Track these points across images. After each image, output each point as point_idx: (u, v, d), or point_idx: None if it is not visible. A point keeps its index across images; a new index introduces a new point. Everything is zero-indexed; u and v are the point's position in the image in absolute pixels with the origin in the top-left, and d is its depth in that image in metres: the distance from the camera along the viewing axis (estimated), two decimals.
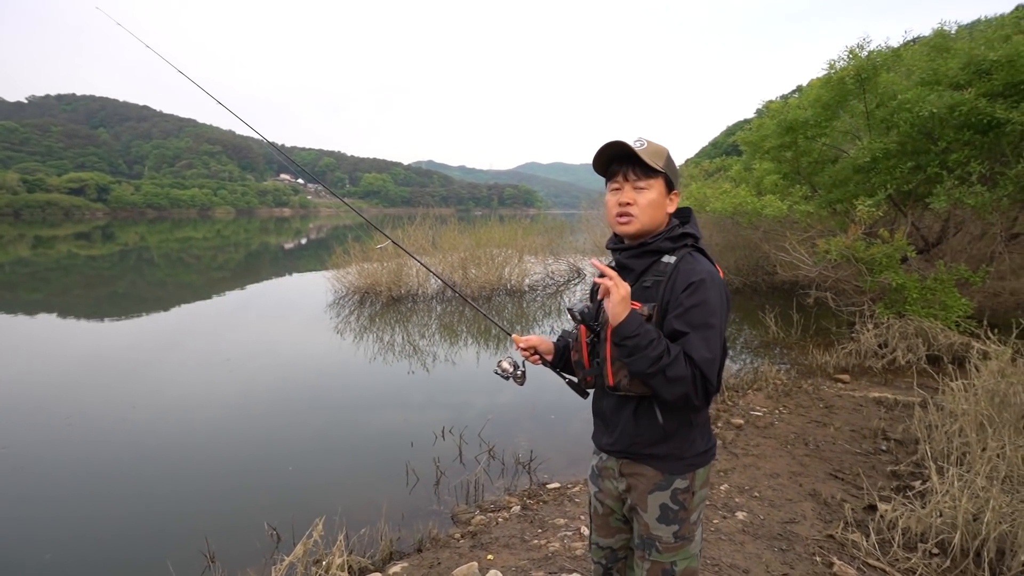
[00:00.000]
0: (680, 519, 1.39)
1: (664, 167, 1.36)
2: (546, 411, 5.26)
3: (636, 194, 1.37)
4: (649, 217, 1.38)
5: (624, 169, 1.37)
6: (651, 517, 1.40)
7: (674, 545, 1.39)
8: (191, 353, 7.31)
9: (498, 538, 2.94)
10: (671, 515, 1.39)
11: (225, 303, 11.83)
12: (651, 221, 1.38)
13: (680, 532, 1.39)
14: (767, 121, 9.38)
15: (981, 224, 7.91)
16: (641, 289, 1.38)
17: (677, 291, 1.31)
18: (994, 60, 6.29)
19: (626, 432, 1.42)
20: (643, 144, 1.36)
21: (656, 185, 1.37)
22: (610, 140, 1.37)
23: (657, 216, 1.39)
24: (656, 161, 1.35)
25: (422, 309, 10.24)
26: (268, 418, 5.12)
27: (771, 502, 3.17)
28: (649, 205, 1.37)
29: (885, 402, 4.89)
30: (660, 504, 1.39)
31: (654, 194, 1.37)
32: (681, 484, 1.38)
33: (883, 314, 6.62)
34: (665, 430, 1.37)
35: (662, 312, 1.32)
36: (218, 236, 37.15)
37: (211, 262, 20.87)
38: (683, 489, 1.39)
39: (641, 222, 1.38)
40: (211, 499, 3.67)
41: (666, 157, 1.38)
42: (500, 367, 1.67)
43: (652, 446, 1.39)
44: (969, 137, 6.65)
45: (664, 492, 1.39)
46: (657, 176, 1.37)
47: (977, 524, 2.58)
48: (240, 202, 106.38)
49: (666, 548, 1.39)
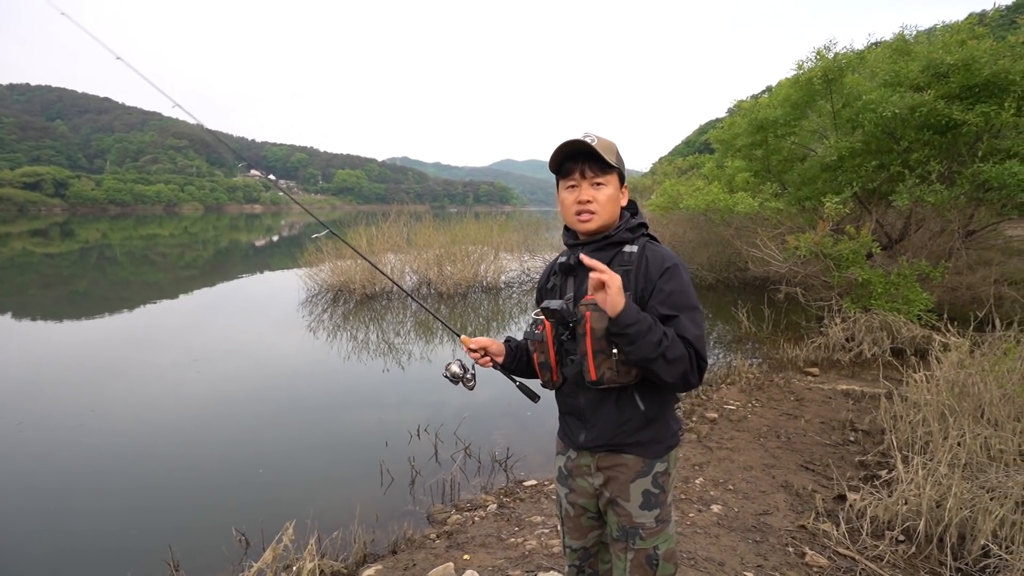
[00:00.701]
0: (660, 502, 1.42)
1: (616, 162, 1.40)
2: (522, 408, 5.24)
3: (595, 191, 1.39)
4: (609, 213, 1.41)
5: (580, 166, 1.39)
6: (634, 505, 1.41)
7: (656, 529, 1.42)
8: (156, 354, 7.05)
9: (474, 537, 2.90)
10: (653, 500, 1.41)
11: (193, 302, 11.47)
12: (610, 216, 1.42)
13: (660, 515, 1.42)
14: (738, 120, 9.55)
15: (940, 221, 8.21)
16: None
17: (652, 278, 1.35)
18: (951, 64, 6.52)
19: (609, 424, 1.42)
20: (595, 140, 1.37)
21: (612, 181, 1.41)
22: (568, 139, 1.37)
23: (615, 211, 1.43)
24: (610, 157, 1.37)
25: (397, 306, 10.11)
26: (238, 420, 4.97)
27: (745, 495, 3.21)
28: (608, 201, 1.40)
29: (853, 394, 5.03)
30: (643, 491, 1.41)
31: (611, 190, 1.40)
32: (661, 467, 1.42)
33: (850, 309, 6.81)
34: (647, 416, 1.40)
35: (636, 299, 1.34)
36: (185, 233, 36.02)
37: (178, 260, 20.21)
38: (663, 472, 1.42)
39: (602, 218, 1.40)
40: (176, 505, 3.53)
41: (616, 152, 1.41)
42: (449, 371, 1.62)
43: (636, 433, 1.41)
44: (929, 137, 6.89)
45: (646, 478, 1.41)
46: (612, 172, 1.40)
47: (940, 511, 2.66)
48: (209, 198, 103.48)
49: (649, 534, 1.41)
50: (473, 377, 1.65)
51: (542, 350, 1.47)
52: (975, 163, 6.40)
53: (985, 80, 6.34)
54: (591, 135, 1.37)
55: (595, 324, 1.35)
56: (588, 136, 1.37)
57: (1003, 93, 6.27)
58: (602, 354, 1.34)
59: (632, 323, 1.24)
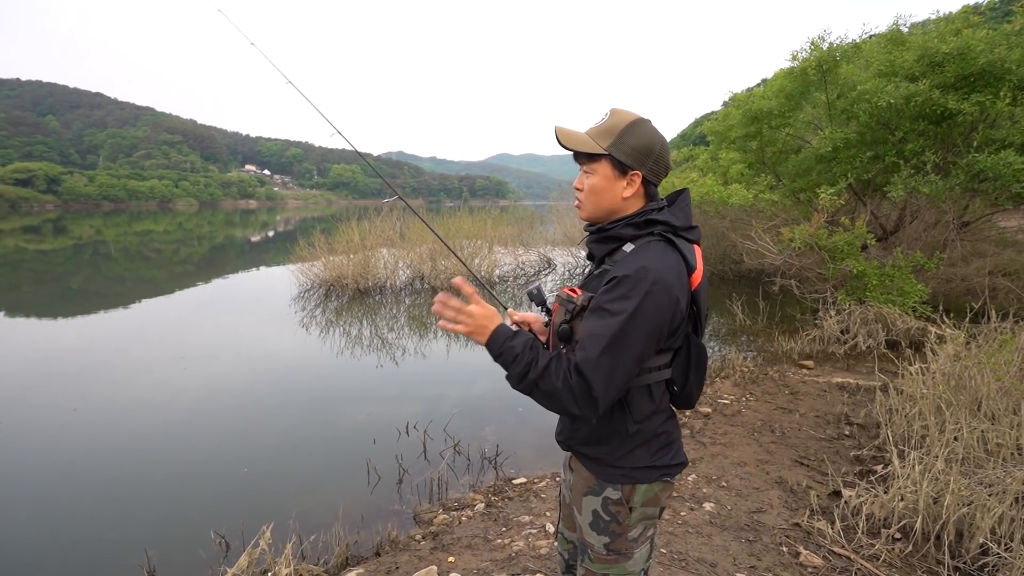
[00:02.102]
0: (612, 531, 1.27)
1: (609, 147, 1.21)
2: (513, 403, 5.17)
3: (584, 178, 1.29)
4: (593, 204, 1.28)
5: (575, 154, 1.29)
6: (584, 521, 1.32)
7: (606, 557, 1.28)
8: (145, 352, 6.94)
9: (460, 538, 2.83)
10: (602, 524, 1.28)
11: (187, 298, 11.33)
12: (596, 207, 1.28)
13: (612, 545, 1.28)
14: (733, 111, 9.45)
15: (935, 212, 8.15)
16: (592, 277, 1.29)
17: (602, 283, 1.18)
18: (946, 53, 6.44)
19: (566, 425, 1.36)
20: (604, 119, 1.25)
21: (599, 169, 1.24)
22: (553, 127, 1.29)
23: (602, 202, 1.27)
24: (600, 141, 1.22)
25: (390, 301, 10.01)
26: (224, 418, 4.88)
27: (738, 491, 3.14)
28: (591, 191, 1.27)
29: (848, 387, 4.97)
30: (592, 509, 1.30)
31: (596, 179, 1.26)
32: (613, 494, 1.26)
33: (844, 301, 6.76)
34: (596, 431, 1.27)
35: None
36: (180, 229, 35.72)
37: (173, 256, 20.01)
38: (615, 500, 1.26)
39: (587, 209, 1.30)
40: (156, 508, 3.43)
41: (617, 134, 1.21)
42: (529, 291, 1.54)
43: (584, 445, 1.31)
44: (924, 127, 6.81)
45: (596, 498, 1.29)
46: (599, 159, 1.24)
47: (937, 507, 2.60)
48: (203, 194, 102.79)
49: (598, 558, 1.29)
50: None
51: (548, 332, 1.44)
52: (970, 153, 6.33)
53: (980, 69, 6.26)
54: (609, 111, 1.26)
55: (556, 318, 1.30)
56: (604, 115, 1.26)
57: (998, 82, 6.20)
58: (556, 350, 1.24)
59: (496, 355, 1.18)
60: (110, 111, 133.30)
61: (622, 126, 1.22)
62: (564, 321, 1.24)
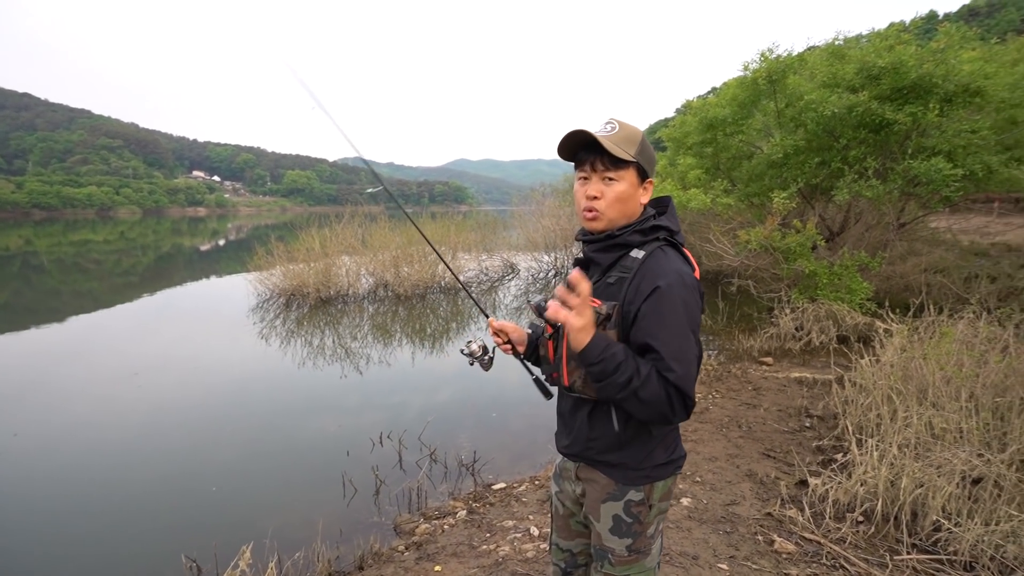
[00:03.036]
0: (634, 532, 1.30)
1: (636, 155, 1.23)
2: (487, 409, 5.17)
3: (604, 186, 1.25)
4: (617, 212, 1.26)
5: (592, 158, 1.24)
6: (604, 528, 1.33)
7: (627, 559, 1.31)
8: (92, 368, 6.54)
9: (445, 547, 2.81)
10: (624, 527, 1.30)
11: (133, 312, 10.73)
12: (620, 216, 1.27)
13: (634, 545, 1.31)
14: (689, 118, 9.81)
15: (876, 214, 8.70)
16: (605, 286, 1.27)
17: (642, 293, 1.19)
18: (882, 67, 6.91)
19: (581, 435, 1.34)
20: (614, 128, 1.23)
21: (627, 176, 1.24)
22: (574, 129, 1.24)
23: (627, 209, 1.27)
24: (627, 149, 1.22)
25: (353, 310, 9.82)
26: (186, 436, 4.65)
27: (712, 486, 3.26)
28: (617, 199, 1.24)
29: (805, 381, 5.23)
30: (613, 515, 1.31)
31: (623, 186, 1.24)
32: (635, 496, 1.29)
33: (798, 299, 7.11)
34: (620, 438, 1.28)
35: (623, 313, 1.22)
36: (122, 238, 33.83)
37: (114, 267, 18.92)
38: (637, 501, 1.30)
39: (608, 218, 1.26)
40: (117, 533, 3.25)
41: (639, 142, 1.24)
42: (468, 348, 1.54)
43: (605, 453, 1.30)
44: (864, 136, 7.28)
45: (617, 503, 1.30)
46: (628, 167, 1.23)
47: (894, 490, 2.77)
48: (147, 201, 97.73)
49: (619, 561, 1.32)
50: (491, 360, 1.56)
51: (543, 344, 1.41)
52: (906, 160, 6.81)
53: (912, 83, 6.75)
54: (613, 121, 1.24)
55: None
56: (610, 123, 1.23)
57: (928, 95, 6.70)
58: (575, 361, 1.26)
59: (595, 361, 1.14)
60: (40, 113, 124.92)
61: (640, 136, 1.25)
62: None
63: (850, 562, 2.45)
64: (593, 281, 1.30)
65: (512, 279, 13.43)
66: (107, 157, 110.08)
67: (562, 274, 13.65)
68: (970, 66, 6.65)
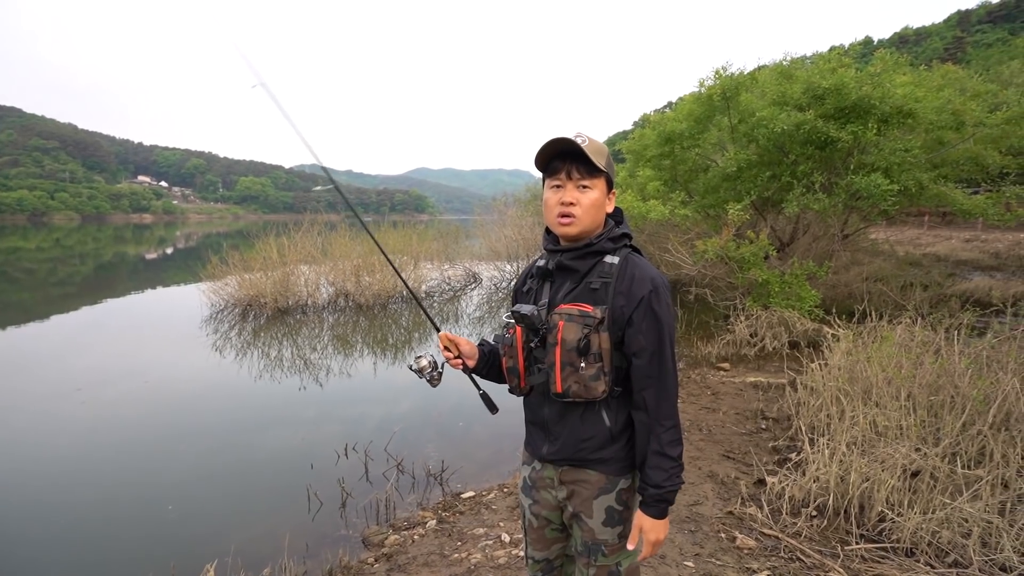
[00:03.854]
0: (624, 519, 1.38)
1: (606, 166, 1.32)
2: (453, 418, 5.16)
3: (579, 194, 1.32)
4: (591, 218, 1.34)
5: (568, 166, 1.31)
6: (596, 522, 1.37)
7: (618, 546, 1.38)
8: (27, 384, 6.13)
9: (416, 557, 2.79)
10: (616, 516, 1.37)
11: (71, 323, 10.10)
12: (593, 222, 1.34)
13: (624, 532, 1.38)
14: (648, 132, 10.14)
15: (822, 226, 9.22)
16: (589, 291, 1.33)
17: (635, 297, 1.29)
18: (826, 88, 7.38)
19: (572, 439, 1.37)
20: (584, 141, 1.30)
21: (599, 185, 1.33)
22: (557, 136, 1.30)
23: (598, 217, 1.35)
24: (599, 160, 1.30)
25: (312, 320, 9.59)
26: (136, 454, 4.42)
27: None
28: (592, 205, 1.32)
29: (761, 385, 5.47)
30: (606, 508, 1.37)
31: (597, 194, 1.33)
32: (625, 484, 1.38)
33: (752, 307, 7.43)
34: (612, 433, 1.35)
35: (613, 314, 1.29)
36: (58, 246, 31.81)
37: (49, 276, 17.75)
38: (627, 488, 1.38)
39: (583, 224, 1.33)
40: (64, 560, 3.05)
41: (607, 155, 1.34)
42: (418, 364, 1.54)
43: (599, 450, 1.36)
44: (811, 152, 7.72)
45: (610, 495, 1.37)
46: (600, 175, 1.32)
47: (844, 485, 2.94)
48: (87, 207, 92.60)
49: (612, 550, 1.38)
50: (440, 376, 1.56)
51: (511, 354, 1.42)
52: (848, 175, 7.26)
53: (853, 103, 7.23)
54: (582, 135, 1.31)
55: (567, 335, 1.30)
56: (579, 136, 1.30)
57: (867, 115, 7.19)
58: (570, 367, 1.30)
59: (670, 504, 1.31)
60: None
61: (607, 150, 1.35)
62: (583, 336, 1.28)
63: (805, 554, 2.58)
64: (571, 287, 1.36)
65: (475, 288, 13.44)
66: (40, 159, 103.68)
67: None
68: (903, 89, 7.18)
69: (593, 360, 1.29)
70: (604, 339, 1.29)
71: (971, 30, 71.91)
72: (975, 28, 72.34)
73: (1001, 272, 13.14)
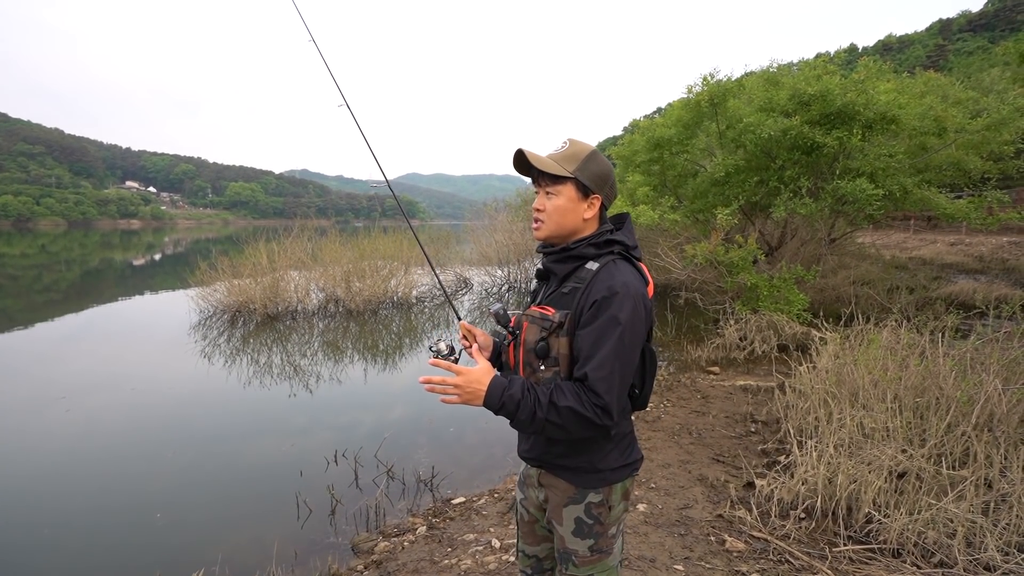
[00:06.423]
0: (596, 533, 1.36)
1: (575, 171, 1.31)
2: (443, 424, 5.14)
3: (546, 200, 1.35)
4: (555, 223, 1.35)
5: (535, 174, 1.35)
6: (567, 531, 1.37)
7: (591, 559, 1.36)
8: (9, 392, 6.03)
9: (406, 564, 2.77)
10: (586, 529, 1.35)
11: (57, 330, 9.95)
12: (558, 228, 1.35)
13: (596, 545, 1.36)
14: (637, 137, 10.22)
15: (810, 230, 9.33)
16: (560, 295, 1.34)
17: (588, 303, 1.26)
18: (812, 94, 7.48)
19: (539, 441, 1.39)
20: (565, 146, 1.34)
21: (564, 191, 1.33)
22: (517, 148, 1.34)
23: (566, 222, 1.35)
24: (566, 166, 1.31)
25: (302, 327, 9.52)
26: (123, 462, 4.36)
27: (666, 491, 3.37)
28: (555, 211, 1.34)
29: (750, 388, 5.50)
30: (575, 517, 1.36)
31: (561, 200, 1.33)
32: (595, 498, 1.35)
33: (741, 310, 7.49)
34: (575, 443, 1.33)
35: (575, 320, 1.28)
36: (43, 252, 31.36)
37: (34, 283, 17.48)
38: (597, 503, 1.35)
39: (548, 228, 1.35)
40: (49, 571, 3.00)
41: (581, 160, 1.32)
42: (436, 346, 1.52)
43: (563, 457, 1.36)
44: (798, 157, 7.82)
45: (578, 505, 1.35)
46: (564, 182, 1.32)
47: (832, 487, 2.97)
48: (73, 212, 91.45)
49: (583, 562, 1.37)
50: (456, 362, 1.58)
51: (506, 351, 1.45)
52: (834, 180, 7.36)
53: (838, 109, 7.34)
54: (566, 141, 1.35)
55: (528, 336, 1.33)
56: (564, 143, 1.36)
57: (852, 121, 7.30)
58: (530, 368, 1.32)
59: (498, 407, 1.23)
60: None
61: (585, 154, 1.34)
62: (541, 338, 1.31)
63: (794, 556, 2.60)
64: (551, 290, 1.40)
65: (466, 293, 13.42)
66: (26, 164, 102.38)
67: (515, 288, 13.77)
68: (886, 96, 7.30)
69: (551, 364, 1.30)
70: (563, 344, 1.29)
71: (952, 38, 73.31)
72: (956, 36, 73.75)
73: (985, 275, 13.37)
